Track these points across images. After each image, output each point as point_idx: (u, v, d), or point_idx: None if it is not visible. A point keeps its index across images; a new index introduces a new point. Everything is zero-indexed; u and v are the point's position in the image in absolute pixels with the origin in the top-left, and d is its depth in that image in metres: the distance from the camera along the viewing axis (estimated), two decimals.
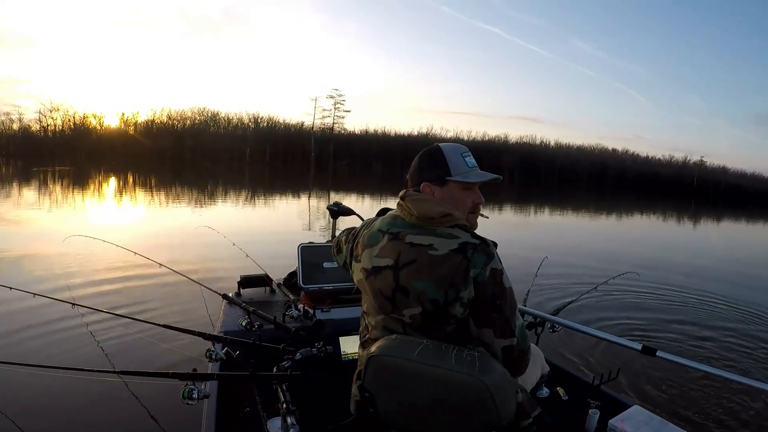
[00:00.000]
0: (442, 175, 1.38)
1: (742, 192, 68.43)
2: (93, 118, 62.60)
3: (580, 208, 25.15)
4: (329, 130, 70.79)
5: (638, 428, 1.82)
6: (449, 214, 1.32)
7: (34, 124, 60.32)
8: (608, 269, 7.15)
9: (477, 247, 1.25)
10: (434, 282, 1.24)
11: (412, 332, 1.33)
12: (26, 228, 9.10)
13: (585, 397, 2.12)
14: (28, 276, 5.32)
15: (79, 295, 4.39)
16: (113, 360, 3.14)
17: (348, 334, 2.28)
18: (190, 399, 1.68)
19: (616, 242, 13.17)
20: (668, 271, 8.24)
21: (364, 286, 1.44)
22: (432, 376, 1.21)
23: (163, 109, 67.15)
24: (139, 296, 4.81)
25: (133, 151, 56.25)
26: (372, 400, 1.32)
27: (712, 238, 18.19)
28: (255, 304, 2.60)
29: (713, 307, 6.14)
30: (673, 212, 29.09)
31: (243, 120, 70.84)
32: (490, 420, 1.20)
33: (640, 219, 23.24)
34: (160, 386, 1.96)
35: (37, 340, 3.61)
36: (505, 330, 1.26)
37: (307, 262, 2.78)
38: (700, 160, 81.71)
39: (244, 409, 1.90)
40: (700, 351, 4.46)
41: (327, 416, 1.86)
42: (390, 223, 1.42)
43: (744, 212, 35.95)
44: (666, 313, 5.66)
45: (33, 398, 2.77)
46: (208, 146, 61.91)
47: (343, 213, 2.87)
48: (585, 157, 77.36)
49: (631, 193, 53.49)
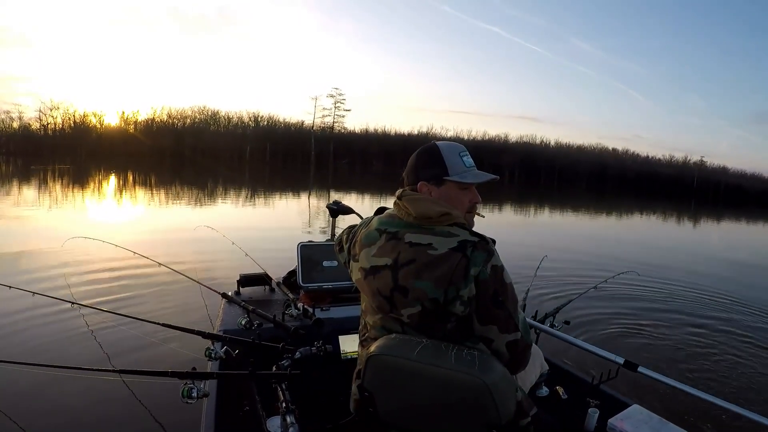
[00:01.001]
0: (439, 174, 1.38)
1: (742, 192, 68.38)
2: (93, 117, 62.74)
3: (579, 208, 25.14)
4: (329, 129, 70.76)
5: (638, 427, 1.82)
6: (447, 213, 1.32)
7: (34, 123, 60.44)
8: (608, 268, 7.14)
9: (476, 245, 1.25)
10: (434, 281, 1.24)
11: (411, 331, 1.33)
12: (25, 227, 9.10)
13: (584, 396, 2.12)
14: (28, 275, 5.31)
15: (78, 294, 4.38)
16: (112, 359, 3.14)
17: (347, 333, 2.28)
18: (190, 398, 1.68)
19: (616, 242, 13.16)
20: (668, 271, 8.23)
21: (363, 285, 1.43)
22: (432, 376, 1.21)
23: (163, 108, 67.45)
24: (138, 295, 4.80)
25: (133, 149, 56.28)
26: (371, 400, 1.32)
27: (711, 238, 18.19)
28: (254, 303, 2.61)
29: (713, 305, 6.14)
30: (674, 212, 29.08)
31: (243, 119, 71.05)
32: (489, 419, 1.20)
33: (640, 219, 23.22)
34: (159, 385, 1.97)
35: (37, 339, 3.60)
36: (509, 325, 1.26)
37: (307, 261, 2.78)
38: (701, 160, 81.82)
39: (244, 408, 1.90)
40: (698, 351, 4.46)
41: (326, 415, 1.86)
42: (387, 222, 1.41)
43: (744, 212, 35.93)
44: (665, 312, 5.65)
45: (32, 397, 2.77)
46: (209, 145, 61.96)
47: (343, 212, 2.87)
48: (585, 157, 77.33)
49: (632, 193, 53.44)
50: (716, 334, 4.95)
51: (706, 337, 4.87)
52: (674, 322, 5.24)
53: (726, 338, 4.88)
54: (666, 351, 4.39)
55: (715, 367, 4.16)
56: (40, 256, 6.28)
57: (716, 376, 3.95)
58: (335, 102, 70.29)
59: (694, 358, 4.29)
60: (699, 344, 4.63)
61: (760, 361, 4.38)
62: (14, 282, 2.75)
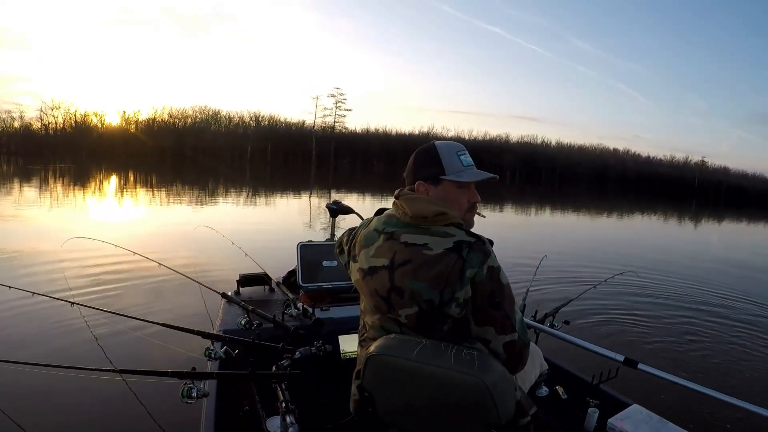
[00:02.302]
0: (436, 173, 1.37)
1: (743, 192, 68.26)
2: (94, 117, 62.72)
3: (580, 208, 25.11)
4: (330, 129, 70.72)
5: (637, 427, 1.82)
6: (443, 212, 1.31)
7: (35, 122, 60.42)
8: (608, 268, 7.14)
9: (472, 246, 1.25)
10: (429, 282, 1.24)
11: (409, 332, 1.33)
12: (25, 226, 9.11)
13: (584, 396, 2.12)
14: (28, 275, 5.32)
15: (78, 293, 4.40)
16: (112, 358, 3.13)
17: (347, 333, 2.28)
18: (189, 398, 1.67)
19: (616, 242, 13.16)
20: (667, 271, 8.25)
21: (361, 286, 1.43)
22: (431, 376, 1.21)
23: (164, 108, 67.40)
24: (138, 295, 4.81)
25: (134, 149, 56.31)
26: (371, 400, 1.32)
27: (712, 239, 18.18)
28: (254, 303, 2.60)
29: (713, 304, 6.14)
30: (674, 213, 29.05)
31: (244, 118, 71.00)
32: (489, 419, 1.19)
33: (641, 219, 23.20)
34: (159, 385, 1.97)
35: (37, 338, 3.61)
36: (506, 326, 1.26)
37: (307, 261, 2.78)
38: (702, 161, 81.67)
39: (244, 408, 1.90)
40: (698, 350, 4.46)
41: (326, 415, 1.86)
42: (385, 222, 1.41)
43: (746, 213, 35.89)
44: (665, 311, 5.65)
45: (32, 396, 2.77)
46: (209, 144, 61.92)
47: (342, 211, 2.87)
48: (586, 157, 77.24)
49: (633, 193, 53.41)
50: (717, 334, 4.95)
51: (706, 336, 4.87)
52: (674, 322, 5.24)
53: (726, 337, 4.89)
54: (666, 350, 4.40)
55: (716, 365, 4.17)
56: (40, 256, 6.29)
57: (717, 373, 3.96)
58: (336, 102, 70.30)
59: (695, 356, 4.29)
60: (699, 343, 4.63)
61: (761, 357, 4.39)
62: (14, 282, 2.75)
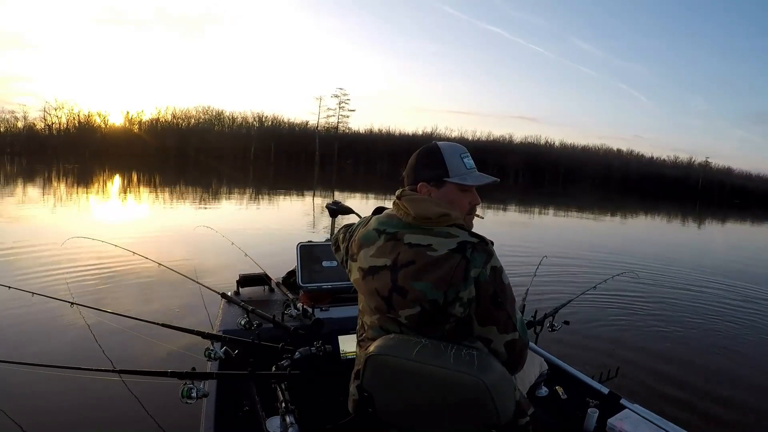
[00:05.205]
0: (439, 175, 1.37)
1: (747, 193, 68.03)
2: (98, 117, 62.94)
3: (583, 209, 25.05)
4: (334, 130, 70.81)
5: (637, 427, 1.81)
6: (447, 214, 1.31)
7: (38, 123, 60.60)
8: (608, 269, 7.13)
9: (476, 246, 1.25)
10: (433, 282, 1.23)
11: (408, 332, 1.32)
12: (26, 226, 9.14)
13: (584, 396, 2.12)
14: (28, 275, 5.33)
15: (78, 294, 4.39)
16: (112, 359, 3.12)
17: (347, 333, 2.27)
18: (189, 398, 1.67)
19: (617, 242, 13.14)
20: (668, 272, 8.27)
21: (361, 285, 1.43)
22: (431, 375, 1.20)
23: (167, 108, 67.65)
24: (138, 295, 4.82)
25: (137, 149, 56.53)
26: (370, 400, 1.32)
27: (714, 239, 18.12)
28: (254, 303, 2.60)
29: (713, 304, 6.13)
30: (677, 213, 28.99)
31: (247, 119, 71.27)
32: (489, 419, 1.19)
33: (644, 220, 23.16)
34: (159, 385, 1.96)
35: (36, 338, 3.62)
36: (508, 325, 1.26)
37: (306, 261, 2.78)
38: (705, 161, 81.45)
39: (243, 408, 1.90)
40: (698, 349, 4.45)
41: (326, 415, 1.86)
42: (386, 222, 1.40)
43: (749, 214, 35.78)
44: (665, 312, 5.65)
45: (32, 397, 2.78)
46: (213, 145, 62.08)
47: (342, 212, 2.87)
48: (589, 158, 77.17)
49: (636, 193, 53.30)
50: (717, 334, 4.94)
51: (706, 337, 4.85)
52: (674, 323, 5.23)
53: (727, 338, 4.88)
54: (666, 351, 4.38)
55: (716, 365, 4.15)
56: (40, 256, 6.29)
57: (717, 374, 3.94)
58: (339, 102, 70.44)
59: (695, 357, 4.27)
60: (699, 344, 4.61)
61: (761, 358, 4.38)
62: (14, 282, 2.76)
